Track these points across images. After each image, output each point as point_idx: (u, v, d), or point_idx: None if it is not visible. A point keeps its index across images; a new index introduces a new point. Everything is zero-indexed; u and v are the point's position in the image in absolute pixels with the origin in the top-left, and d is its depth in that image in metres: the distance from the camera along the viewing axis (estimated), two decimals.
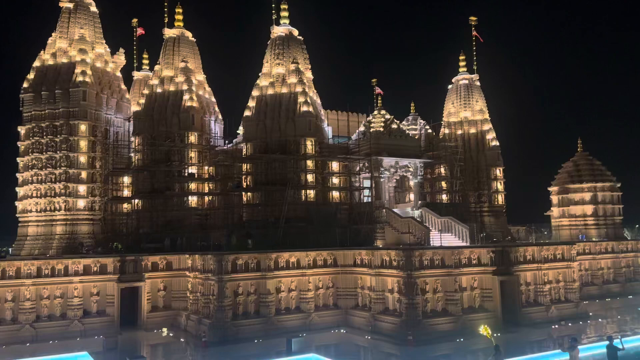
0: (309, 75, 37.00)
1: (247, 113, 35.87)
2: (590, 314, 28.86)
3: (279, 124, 34.62)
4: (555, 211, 42.21)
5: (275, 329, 24.87)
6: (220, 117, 39.17)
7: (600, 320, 28.35)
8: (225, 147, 38.25)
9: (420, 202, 36.49)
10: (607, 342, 18.15)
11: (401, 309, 24.07)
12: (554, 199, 42.24)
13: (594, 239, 38.17)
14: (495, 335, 22.95)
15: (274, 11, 37.08)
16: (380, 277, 25.71)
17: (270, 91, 35.79)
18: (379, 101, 42.42)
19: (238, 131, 38.46)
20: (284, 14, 37.23)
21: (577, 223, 40.58)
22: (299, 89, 35.03)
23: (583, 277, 33.85)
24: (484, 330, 17.15)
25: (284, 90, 35.50)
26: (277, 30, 37.00)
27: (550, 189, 42.65)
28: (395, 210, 34.73)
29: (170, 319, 27.98)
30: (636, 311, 31.20)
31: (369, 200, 35.08)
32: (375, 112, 38.10)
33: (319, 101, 37.24)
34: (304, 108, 34.26)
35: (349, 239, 30.33)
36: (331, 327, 26.20)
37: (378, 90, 43.24)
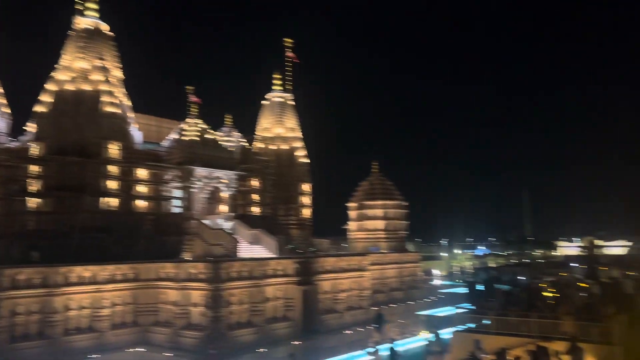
0: (118, 74, 34.45)
1: (40, 109, 31.83)
2: None
3: (79, 124, 31.44)
4: (352, 225, 45.95)
5: (64, 352, 22.34)
6: (6, 110, 34.02)
7: (385, 324, 31.53)
8: (10, 145, 33.31)
9: (232, 214, 36.50)
10: (390, 345, 20.29)
11: (205, 323, 23.60)
12: (352, 214, 45.99)
13: (383, 251, 42.50)
14: (295, 342, 24.01)
15: (79, 0, 33.78)
16: (185, 291, 24.89)
17: (70, 87, 32.35)
18: (194, 109, 41.40)
19: (28, 128, 33.86)
20: (92, 5, 34.13)
21: (370, 236, 44.70)
22: (104, 87, 32.35)
23: (374, 285, 37.32)
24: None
25: (87, 87, 32.41)
26: (83, 22, 33.74)
27: (349, 204, 46.36)
28: (206, 221, 34.09)
29: None
30: (415, 316, 35.51)
31: (179, 210, 33.87)
32: (190, 120, 37.08)
33: (128, 103, 34.87)
34: (109, 108, 31.74)
35: (155, 251, 28.78)
36: (128, 346, 24.44)
37: (194, 98, 42.16)
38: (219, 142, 37.25)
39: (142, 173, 33.25)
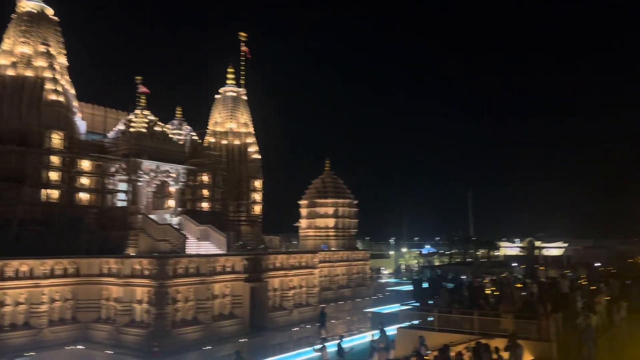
0: (62, 60, 32.99)
1: None
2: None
3: (20, 111, 29.93)
4: (303, 223, 46.02)
5: None
6: None
7: (333, 321, 31.83)
8: None
9: (180, 209, 35.72)
10: (338, 341, 20.46)
11: (149, 320, 23.06)
12: (303, 211, 46.05)
13: (333, 249, 42.81)
14: (241, 340, 23.82)
15: None
16: (129, 288, 24.22)
17: (11, 72, 30.73)
18: (142, 100, 40.24)
19: None
20: None
21: (321, 234, 44.90)
22: (48, 74, 30.93)
23: (323, 283, 37.60)
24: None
25: (30, 73, 30.89)
26: (26, 5, 32.10)
27: (300, 202, 46.39)
28: (152, 216, 33.22)
29: None
30: (362, 313, 36.01)
31: (124, 204, 32.84)
32: (138, 112, 35.97)
33: (72, 91, 33.47)
34: (53, 96, 30.37)
35: (98, 246, 27.82)
36: (67, 344, 23.53)
37: (143, 88, 40.87)
38: (168, 135, 36.37)
39: (85, 164, 32.05)
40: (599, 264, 45.24)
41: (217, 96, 46.33)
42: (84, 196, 31.73)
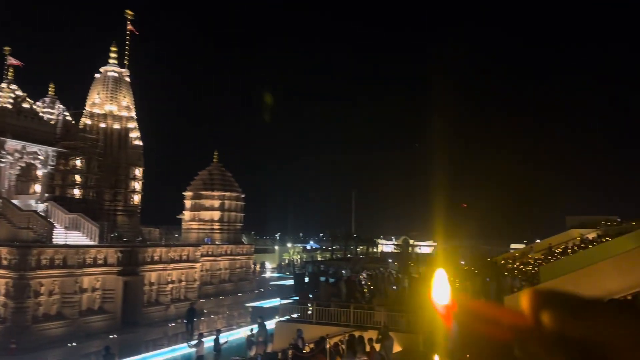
0: None
1: None
2: (205, 311, 31.49)
3: None
4: (187, 215, 44.55)
5: None
6: None
7: (212, 316, 31.23)
8: None
9: (47, 194, 32.72)
10: (215, 336, 20.12)
11: (6, 315, 20.90)
12: (188, 203, 44.58)
13: (217, 242, 41.98)
14: (111, 336, 22.50)
15: None
16: None
17: None
18: (10, 73, 36.16)
19: None
20: None
21: (205, 227, 43.79)
22: None
23: (204, 277, 36.67)
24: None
25: None
26: None
27: (185, 193, 44.86)
28: (15, 201, 30.06)
29: None
30: (243, 307, 35.75)
31: None
32: (4, 85, 32.38)
33: None
34: None
35: None
36: None
37: (12, 60, 36.80)
38: (38, 113, 33.22)
39: None
40: (463, 262, 49.35)
41: (97, 75, 43.03)
42: None
